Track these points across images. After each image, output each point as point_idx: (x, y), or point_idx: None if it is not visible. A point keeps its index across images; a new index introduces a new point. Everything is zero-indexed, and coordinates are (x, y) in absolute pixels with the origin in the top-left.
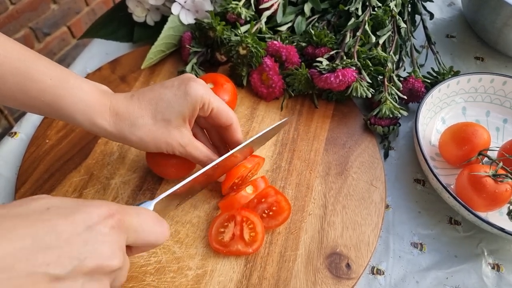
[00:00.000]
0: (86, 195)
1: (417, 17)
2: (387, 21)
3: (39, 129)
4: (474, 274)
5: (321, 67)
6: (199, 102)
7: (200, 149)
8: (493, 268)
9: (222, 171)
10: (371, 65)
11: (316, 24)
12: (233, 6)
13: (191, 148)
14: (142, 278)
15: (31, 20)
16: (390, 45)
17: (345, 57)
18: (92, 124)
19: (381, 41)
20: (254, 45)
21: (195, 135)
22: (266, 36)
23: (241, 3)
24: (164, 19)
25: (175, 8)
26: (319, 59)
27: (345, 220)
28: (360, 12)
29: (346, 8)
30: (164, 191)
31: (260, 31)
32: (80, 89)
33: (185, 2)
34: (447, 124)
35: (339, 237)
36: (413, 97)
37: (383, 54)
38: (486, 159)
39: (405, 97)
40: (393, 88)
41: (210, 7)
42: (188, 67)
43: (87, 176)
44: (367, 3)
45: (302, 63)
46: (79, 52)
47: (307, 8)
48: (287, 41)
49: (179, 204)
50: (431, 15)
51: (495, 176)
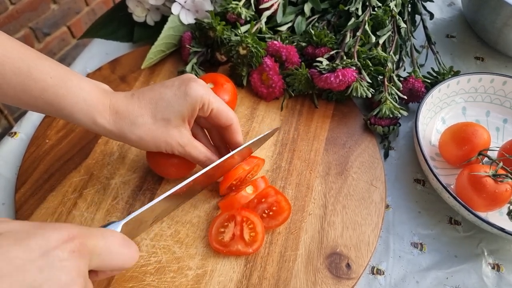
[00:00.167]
0: (86, 195)
1: (417, 17)
2: (387, 21)
3: (39, 129)
4: (474, 274)
5: (321, 67)
6: (199, 102)
7: (199, 149)
8: (493, 268)
9: (221, 172)
10: (371, 65)
11: (316, 24)
12: (233, 6)
13: (190, 148)
14: (142, 278)
15: (31, 20)
16: (390, 45)
17: (345, 57)
18: (93, 123)
19: (381, 41)
20: (254, 45)
21: (196, 135)
22: (266, 36)
23: (241, 3)
24: (164, 19)
25: (175, 8)
26: (319, 59)
27: (345, 220)
28: (360, 12)
29: (346, 8)
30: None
31: (260, 31)
32: (81, 88)
33: (185, 2)
34: (447, 124)
35: (339, 237)
36: (413, 97)
37: (383, 54)
38: (486, 159)
39: (405, 97)
40: (393, 88)
41: (210, 7)
42: (188, 67)
43: (87, 176)
44: (367, 3)
45: (302, 63)
46: (79, 52)
47: (307, 8)
48: (287, 41)
49: (155, 221)
50: (431, 15)
51: (495, 176)
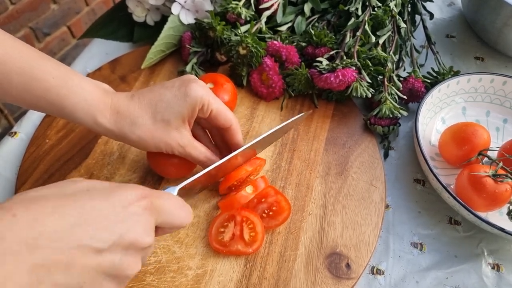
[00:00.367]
0: None
1: (417, 17)
2: (387, 21)
3: (39, 129)
4: (474, 274)
5: (321, 67)
6: (199, 103)
7: (199, 150)
8: (493, 268)
9: (224, 172)
10: (371, 65)
11: (316, 24)
12: (233, 6)
13: (190, 149)
14: (142, 278)
15: (31, 20)
16: (390, 45)
17: (345, 57)
18: (94, 122)
19: (381, 41)
20: (254, 45)
21: (197, 136)
22: (266, 36)
23: (241, 3)
24: (164, 19)
25: (175, 8)
26: (319, 59)
27: (345, 220)
28: (360, 12)
29: (346, 8)
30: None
31: (260, 31)
32: (82, 88)
33: (185, 2)
34: (447, 124)
35: (339, 237)
36: (413, 97)
37: (383, 54)
38: (486, 159)
39: (405, 97)
40: (393, 88)
41: (210, 7)
42: (188, 67)
43: (87, 176)
44: (367, 3)
45: (302, 63)
46: (79, 52)
47: (307, 8)
48: (287, 41)
49: (197, 193)
50: (431, 15)
51: (495, 176)
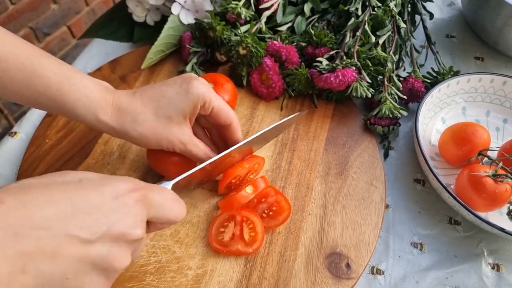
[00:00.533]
0: None
1: (417, 17)
2: (387, 21)
3: (39, 129)
4: (474, 274)
5: (321, 67)
6: (200, 100)
7: (200, 147)
8: (493, 268)
9: (222, 169)
10: (371, 65)
11: (316, 24)
12: (233, 6)
13: (191, 146)
14: (142, 278)
15: (31, 20)
16: (390, 45)
17: (345, 57)
18: (95, 119)
19: (381, 41)
20: (254, 45)
21: (197, 135)
22: (266, 36)
23: (241, 3)
24: (164, 19)
25: (175, 8)
26: (319, 59)
27: (345, 220)
28: (360, 12)
29: (346, 8)
30: None
31: (260, 31)
32: (83, 85)
33: (185, 2)
34: (447, 124)
35: (339, 237)
36: (413, 97)
37: (383, 54)
38: (486, 159)
39: (405, 97)
40: (393, 88)
41: (210, 7)
42: (188, 67)
43: None
44: (367, 3)
45: (302, 63)
46: (79, 52)
47: (307, 8)
48: (287, 41)
49: (193, 190)
50: (431, 15)
51: (495, 176)
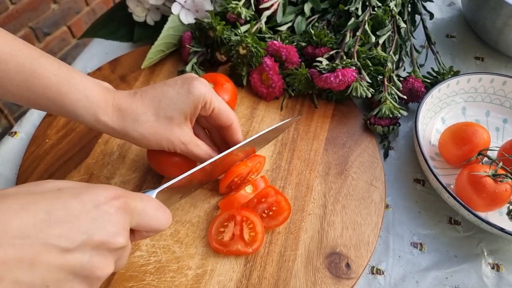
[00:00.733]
0: None
1: (417, 17)
2: (387, 21)
3: (39, 129)
4: (474, 274)
5: (321, 67)
6: (201, 101)
7: (201, 147)
8: (493, 268)
9: (223, 169)
10: (371, 65)
11: (316, 24)
12: (233, 6)
13: (192, 146)
14: (142, 278)
15: (31, 20)
16: (390, 45)
17: (345, 57)
18: (95, 120)
19: (381, 41)
20: (254, 45)
21: (197, 135)
22: (266, 36)
23: (241, 3)
24: (164, 19)
25: (175, 8)
26: (319, 59)
27: (345, 220)
28: (360, 12)
29: (346, 8)
30: None
31: (260, 31)
32: (83, 86)
33: (185, 2)
34: (447, 124)
35: (339, 237)
36: (413, 97)
37: (383, 54)
38: (486, 159)
39: (405, 97)
40: (393, 88)
41: (210, 7)
42: (188, 67)
43: (87, 176)
44: (367, 3)
45: (302, 63)
46: (79, 52)
47: (307, 8)
48: (287, 41)
49: (182, 197)
50: (431, 15)
51: (495, 176)
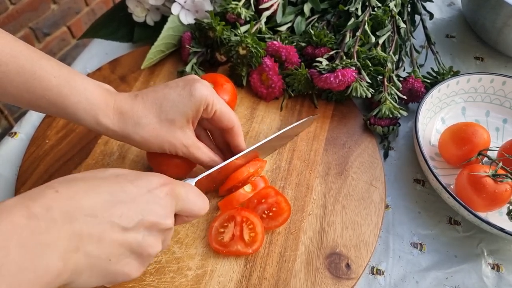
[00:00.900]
0: None
1: (417, 17)
2: (387, 21)
3: (39, 129)
4: (474, 274)
5: (321, 67)
6: (203, 103)
7: (203, 150)
8: (493, 268)
9: (225, 175)
10: (371, 65)
11: (316, 24)
12: (233, 6)
13: (194, 149)
14: (142, 278)
15: (31, 20)
16: (390, 45)
17: (345, 57)
18: (96, 123)
19: (381, 41)
20: (254, 45)
21: (199, 137)
22: (266, 36)
23: (241, 3)
24: (164, 19)
25: (175, 8)
26: (319, 59)
27: (345, 220)
28: (360, 12)
29: (346, 8)
30: None
31: (260, 31)
32: (84, 88)
33: (185, 2)
34: (447, 124)
35: (339, 237)
36: (413, 97)
37: (383, 54)
38: (486, 159)
39: (405, 97)
40: (393, 88)
41: (210, 7)
42: (188, 67)
43: None
44: (367, 3)
45: (302, 63)
46: (79, 52)
47: (307, 8)
48: (287, 41)
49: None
50: (431, 15)
51: (495, 176)
